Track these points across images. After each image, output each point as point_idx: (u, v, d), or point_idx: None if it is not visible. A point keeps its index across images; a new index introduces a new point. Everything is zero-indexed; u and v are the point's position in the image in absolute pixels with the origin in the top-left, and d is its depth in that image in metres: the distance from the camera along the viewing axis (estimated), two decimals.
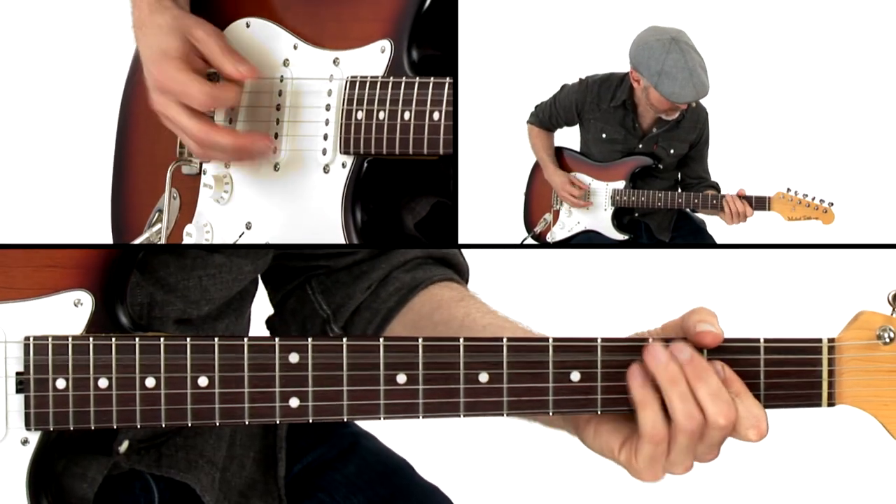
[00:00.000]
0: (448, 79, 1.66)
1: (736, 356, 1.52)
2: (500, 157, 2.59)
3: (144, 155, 1.92)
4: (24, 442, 1.55)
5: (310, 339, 1.53)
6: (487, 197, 2.54)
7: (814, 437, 3.36)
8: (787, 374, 1.52)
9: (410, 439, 2.06)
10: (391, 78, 1.69)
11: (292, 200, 1.77)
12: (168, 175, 1.85)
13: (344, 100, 1.72)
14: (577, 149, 2.63)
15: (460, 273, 1.91)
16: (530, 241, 2.67)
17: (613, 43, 2.48)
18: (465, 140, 1.93)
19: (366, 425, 1.97)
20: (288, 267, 1.88)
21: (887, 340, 1.50)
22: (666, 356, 1.50)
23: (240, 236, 1.81)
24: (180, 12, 1.77)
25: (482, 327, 1.73)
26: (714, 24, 2.46)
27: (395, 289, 1.83)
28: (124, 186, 1.94)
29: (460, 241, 1.84)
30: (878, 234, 2.42)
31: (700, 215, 2.59)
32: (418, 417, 1.53)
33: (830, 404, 1.52)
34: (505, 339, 1.53)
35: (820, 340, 1.52)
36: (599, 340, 1.52)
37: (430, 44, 1.72)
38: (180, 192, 1.86)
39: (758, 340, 1.52)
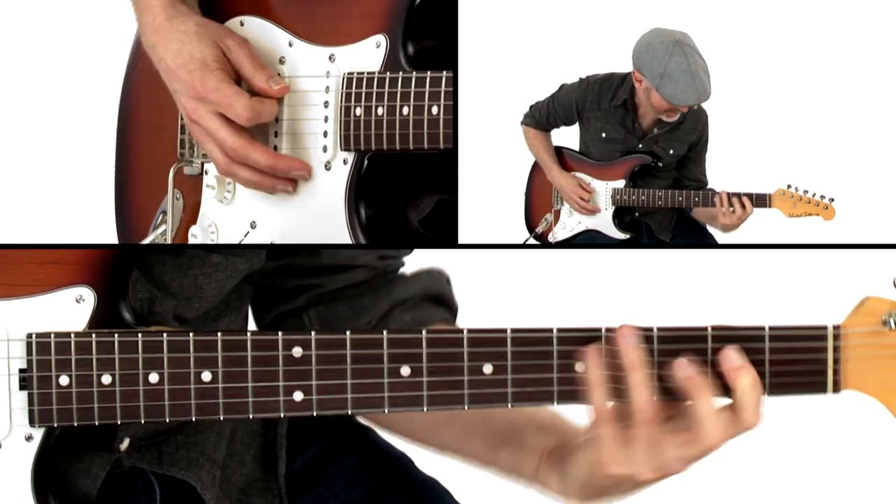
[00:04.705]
0: (445, 72, 1.66)
1: (741, 344, 1.51)
2: (501, 155, 2.58)
3: (145, 157, 1.92)
4: (29, 438, 1.55)
5: (313, 333, 1.53)
6: (488, 195, 2.54)
7: (821, 423, 3.35)
8: (793, 363, 1.52)
9: None
10: (388, 73, 1.69)
11: (296, 198, 1.76)
12: (170, 177, 1.84)
13: (342, 96, 1.72)
14: (576, 148, 2.63)
15: (453, 314, 1.93)
16: (532, 241, 2.67)
17: (615, 42, 2.47)
18: (465, 138, 1.92)
19: (365, 419, 1.97)
20: (279, 288, 1.88)
21: (893, 326, 1.49)
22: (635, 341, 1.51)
23: (245, 236, 1.81)
24: (202, 18, 1.76)
25: None
26: (712, 20, 2.46)
27: (395, 328, 1.83)
28: (127, 189, 1.94)
29: (460, 241, 1.83)
30: (879, 228, 2.42)
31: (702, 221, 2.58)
32: (423, 409, 1.52)
33: (836, 391, 1.52)
34: (509, 331, 1.52)
35: (825, 328, 1.52)
36: (603, 330, 1.52)
37: (426, 36, 1.72)
38: (183, 193, 1.86)
39: (763, 328, 1.52)
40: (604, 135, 2.57)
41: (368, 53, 1.71)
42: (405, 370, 1.52)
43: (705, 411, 1.50)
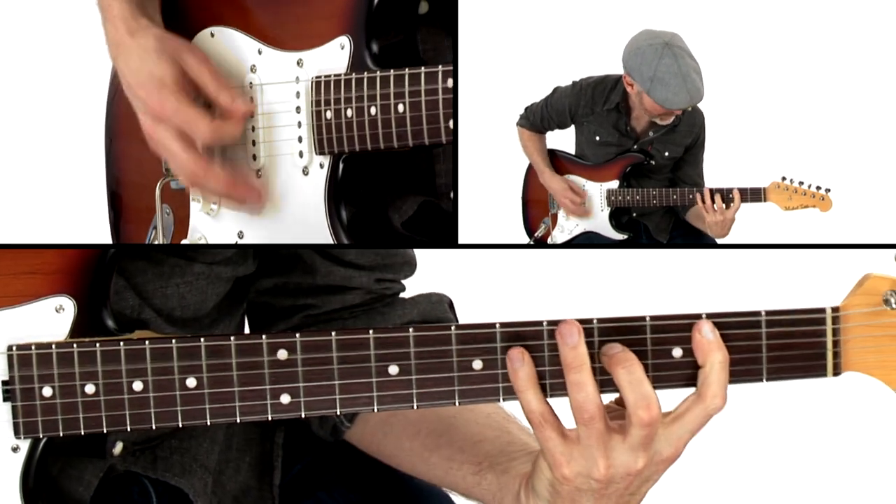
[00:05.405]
0: (407, 70, 1.64)
1: (737, 330, 1.48)
2: (499, 155, 2.57)
3: (133, 172, 1.91)
4: (15, 449, 1.53)
5: (298, 336, 1.51)
6: (487, 195, 2.52)
7: (824, 405, 3.32)
8: (791, 347, 1.48)
9: None
10: (353, 74, 1.68)
11: (278, 205, 1.75)
12: (157, 192, 1.83)
13: (312, 100, 1.71)
14: (571, 150, 2.61)
15: None
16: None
17: (609, 44, 2.46)
18: (464, 138, 1.91)
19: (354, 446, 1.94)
20: (275, 308, 1.86)
21: (894, 305, 1.46)
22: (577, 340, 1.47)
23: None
24: (163, 33, 1.72)
25: (486, 415, 1.76)
26: (705, 17, 2.44)
27: (382, 327, 1.80)
28: (119, 206, 1.93)
29: (460, 241, 1.81)
30: (876, 218, 2.39)
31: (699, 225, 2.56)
32: (413, 407, 1.50)
33: (836, 374, 1.49)
34: (498, 325, 1.50)
35: (823, 310, 1.49)
36: (595, 322, 1.50)
37: (389, 33, 1.70)
38: (172, 207, 1.85)
39: (759, 313, 1.49)
40: (598, 138, 2.56)
41: (334, 55, 1.70)
42: (393, 369, 1.50)
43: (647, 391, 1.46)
